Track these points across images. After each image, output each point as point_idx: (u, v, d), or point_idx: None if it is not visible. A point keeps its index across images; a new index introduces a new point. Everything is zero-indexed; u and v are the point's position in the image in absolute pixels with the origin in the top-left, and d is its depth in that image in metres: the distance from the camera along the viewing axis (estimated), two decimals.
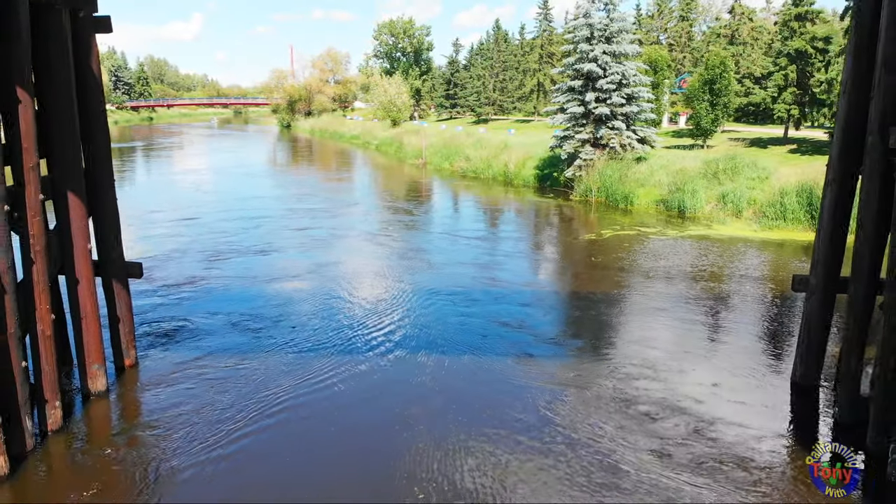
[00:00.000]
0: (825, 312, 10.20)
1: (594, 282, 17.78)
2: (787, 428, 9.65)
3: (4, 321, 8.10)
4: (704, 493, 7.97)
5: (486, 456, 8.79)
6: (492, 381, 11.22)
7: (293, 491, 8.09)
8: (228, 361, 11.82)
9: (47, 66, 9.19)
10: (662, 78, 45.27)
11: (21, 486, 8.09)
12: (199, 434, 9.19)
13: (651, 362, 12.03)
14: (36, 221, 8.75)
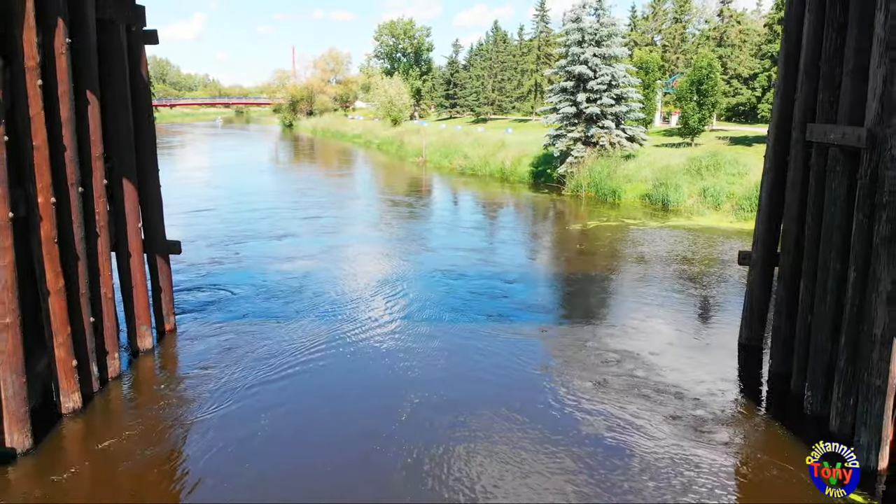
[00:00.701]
0: (765, 282, 11.98)
1: (576, 264, 19.63)
2: (726, 376, 11.43)
3: (78, 283, 9.87)
4: (634, 410, 9.73)
5: (461, 371, 10.58)
6: (473, 333, 13.09)
7: (311, 423, 9.87)
8: (255, 325, 13.67)
9: (109, 72, 10.96)
10: (653, 79, 46.98)
11: (90, 418, 9.86)
12: (229, 383, 10.96)
13: (616, 325, 13.87)
14: (101, 202, 10.54)
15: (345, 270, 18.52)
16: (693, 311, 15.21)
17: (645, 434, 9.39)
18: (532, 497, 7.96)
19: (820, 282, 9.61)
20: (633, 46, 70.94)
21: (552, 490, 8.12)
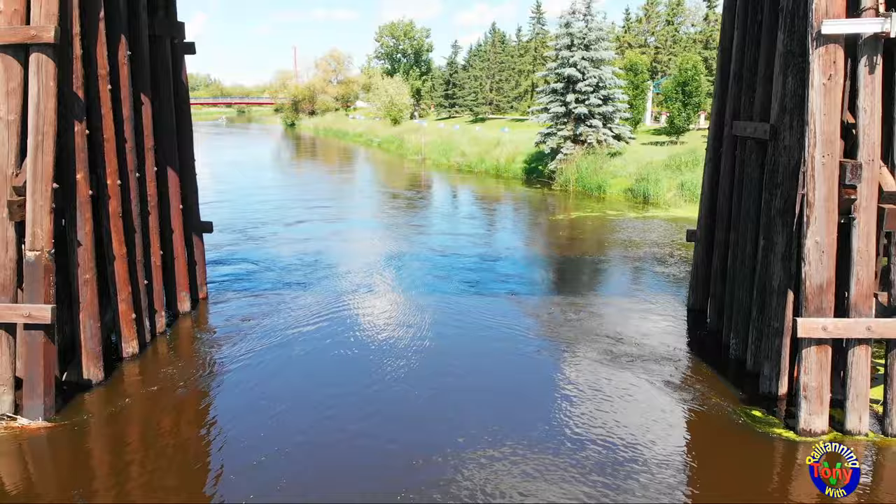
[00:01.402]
0: (707, 255, 14.16)
1: (557, 248, 21.87)
2: (672, 331, 13.62)
3: (135, 251, 12.06)
4: (594, 356, 11.91)
5: (448, 322, 12.78)
6: (458, 297, 15.27)
7: (319, 365, 12.06)
8: (275, 293, 15.90)
9: (157, 78, 13.16)
10: (643, 80, 49.12)
11: (144, 361, 12.02)
12: (252, 339, 13.12)
13: (582, 293, 16.14)
14: (152, 186, 12.74)
15: (352, 249, 20.99)
16: (654, 283, 17.43)
17: (604, 369, 11.59)
18: (495, 388, 10.16)
19: (741, 249, 11.82)
20: (626, 48, 73.29)
21: (511, 386, 10.33)
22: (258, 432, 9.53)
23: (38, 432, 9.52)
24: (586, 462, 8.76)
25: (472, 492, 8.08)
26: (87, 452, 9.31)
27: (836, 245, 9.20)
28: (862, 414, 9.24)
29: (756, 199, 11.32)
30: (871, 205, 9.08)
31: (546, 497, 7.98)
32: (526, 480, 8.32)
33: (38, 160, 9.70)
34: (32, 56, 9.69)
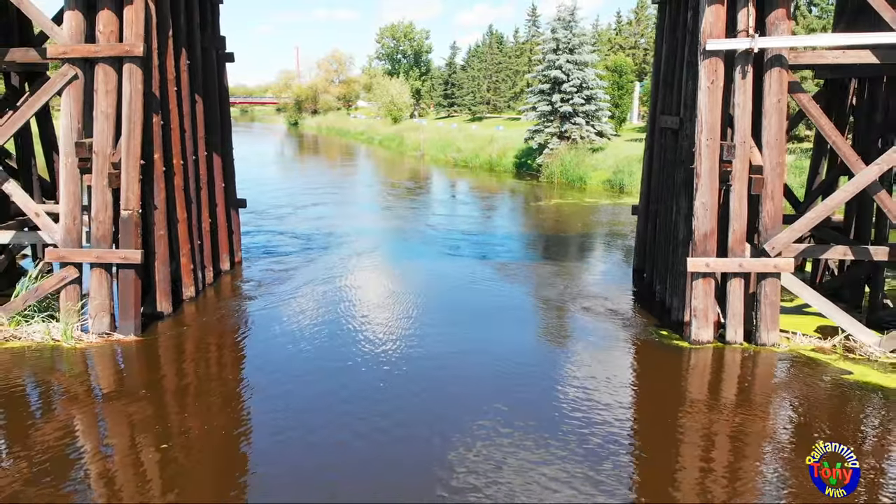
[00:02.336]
0: (644, 224, 17.51)
1: (535, 226, 25.32)
2: (618, 286, 16.97)
3: (192, 217, 15.41)
4: (557, 304, 15.24)
5: (442, 284, 16.16)
6: (452, 264, 18.61)
7: (330, 309, 15.42)
8: (296, 258, 19.30)
9: (206, 82, 16.51)
10: (628, 80, 52.45)
11: (199, 302, 15.37)
12: (277, 292, 16.47)
13: (551, 259, 19.50)
14: (203, 167, 16.10)
15: (360, 225, 24.66)
16: (612, 252, 20.84)
17: (561, 307, 14.96)
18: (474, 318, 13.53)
19: (663, 216, 15.20)
20: (618, 49, 76.61)
21: (490, 325, 13.71)
22: (285, 347, 12.93)
23: (128, 344, 12.88)
24: (538, 355, 12.17)
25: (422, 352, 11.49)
26: (159, 359, 12.66)
27: (717, 206, 12.57)
28: (737, 328, 12.61)
29: (671, 176, 14.69)
30: (744, 175, 12.44)
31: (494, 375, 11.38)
32: (470, 368, 11.73)
33: (130, 143, 13.06)
34: (125, 66, 13.05)
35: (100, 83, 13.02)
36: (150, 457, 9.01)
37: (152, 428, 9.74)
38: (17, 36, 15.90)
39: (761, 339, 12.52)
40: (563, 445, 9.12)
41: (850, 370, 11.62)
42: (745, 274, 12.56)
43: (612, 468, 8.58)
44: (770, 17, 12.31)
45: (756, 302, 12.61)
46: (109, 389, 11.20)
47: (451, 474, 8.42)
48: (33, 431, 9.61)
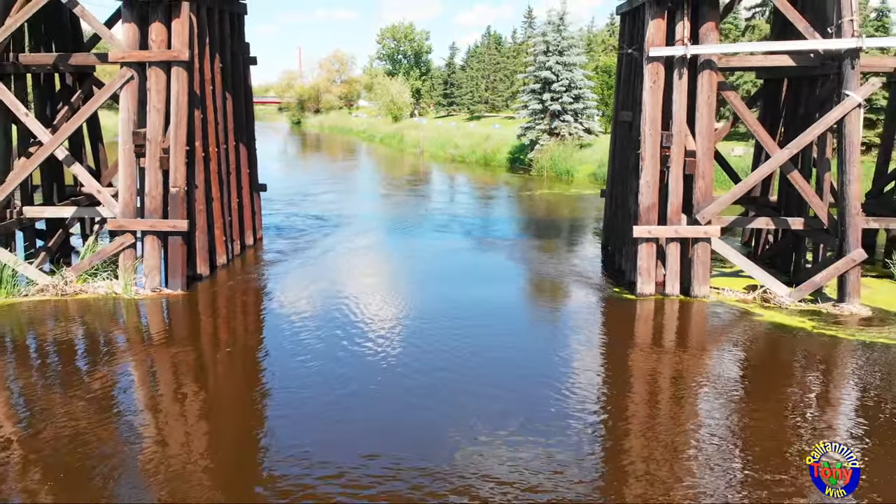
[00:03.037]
0: (609, 205, 20.30)
1: (521, 213, 28.11)
2: (587, 258, 19.77)
3: (223, 197, 18.21)
4: (537, 274, 18.03)
5: (444, 254, 18.97)
6: (452, 240, 21.42)
7: (341, 273, 18.22)
8: (309, 234, 22.14)
9: (234, 82, 19.32)
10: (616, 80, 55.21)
11: (229, 269, 18.20)
12: (293, 260, 19.32)
13: (533, 237, 22.33)
14: (233, 154, 18.91)
15: (366, 208, 27.67)
16: (586, 231, 23.70)
17: (537, 272, 17.79)
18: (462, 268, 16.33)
19: (621, 196, 18.00)
20: (611, 50, 79.29)
21: (477, 278, 16.52)
22: (300, 297, 15.76)
23: (175, 297, 15.68)
24: (516, 304, 15.01)
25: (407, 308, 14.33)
26: (199, 310, 15.48)
27: (658, 184, 15.37)
28: (674, 283, 15.41)
29: (626, 161, 17.49)
30: (679, 158, 15.24)
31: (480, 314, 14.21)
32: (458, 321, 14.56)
33: (177, 132, 15.87)
34: (173, 69, 15.85)
35: (152, 83, 15.84)
36: (189, 381, 11.84)
37: (191, 361, 12.56)
38: (71, 43, 18.79)
39: (694, 292, 15.33)
40: (522, 355, 11.97)
41: (762, 314, 14.43)
42: (680, 239, 15.36)
43: (562, 384, 11.43)
44: (702, 28, 15.12)
45: (690, 262, 15.41)
46: (159, 332, 14.02)
47: (445, 362, 11.27)
48: (100, 365, 12.44)
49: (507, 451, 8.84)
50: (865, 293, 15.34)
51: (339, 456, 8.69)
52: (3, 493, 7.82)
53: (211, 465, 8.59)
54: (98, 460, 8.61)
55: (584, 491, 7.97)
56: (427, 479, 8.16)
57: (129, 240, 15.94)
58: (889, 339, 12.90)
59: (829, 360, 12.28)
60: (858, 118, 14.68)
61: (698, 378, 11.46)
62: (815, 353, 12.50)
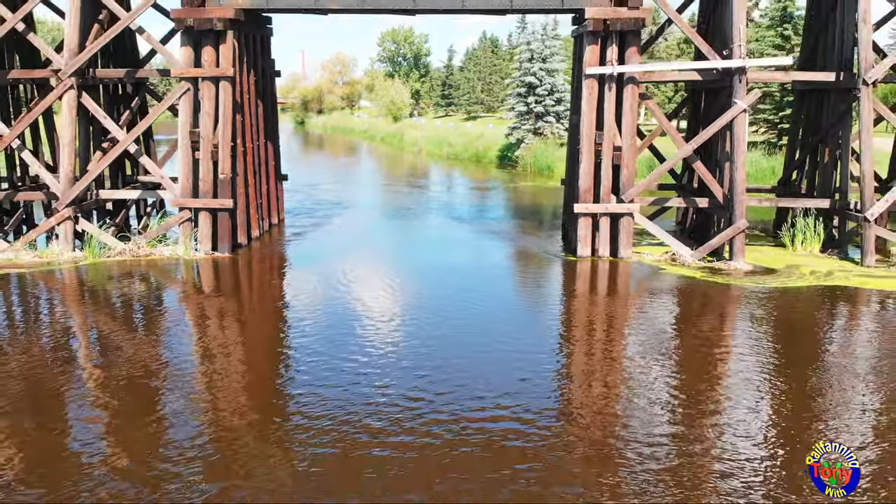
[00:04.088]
0: (569, 192, 24.94)
1: (503, 200, 32.81)
2: (550, 236, 24.45)
3: (255, 183, 22.90)
4: (509, 247, 22.71)
5: (439, 233, 23.70)
6: (444, 221, 26.09)
7: (350, 244, 22.94)
8: (323, 217, 26.87)
9: (263, 92, 24.01)
10: None
11: (261, 242, 22.91)
12: (310, 236, 24.04)
13: (509, 221, 27.00)
14: (262, 150, 23.62)
15: (367, 198, 32.19)
16: (555, 217, 28.36)
17: (506, 247, 22.53)
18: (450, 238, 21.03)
19: (571, 184, 22.69)
20: None
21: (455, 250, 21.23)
22: (316, 260, 20.50)
23: (223, 259, 20.37)
24: (487, 262, 19.78)
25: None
26: (241, 269, 20.19)
27: (593, 172, 20.04)
28: (605, 248, 20.11)
29: (575, 155, 22.18)
30: (609, 152, 19.91)
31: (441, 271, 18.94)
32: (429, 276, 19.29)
33: (224, 132, 20.55)
34: (221, 83, 20.53)
35: (204, 93, 20.54)
36: (231, 322, 16.56)
37: (235, 305, 17.31)
38: (131, 59, 23.54)
39: (620, 254, 20.03)
40: (486, 295, 16.73)
41: (669, 270, 19.13)
42: (610, 214, 20.05)
43: (520, 309, 16.18)
44: (627, 52, 19.80)
45: (617, 231, 20.10)
46: (210, 285, 18.72)
47: (428, 301, 16.00)
48: (167, 309, 17.18)
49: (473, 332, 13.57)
50: (754, 255, 20.06)
51: (336, 356, 13.38)
52: (112, 379, 12.46)
53: (244, 372, 13.26)
54: (158, 369, 13.36)
55: (531, 352, 12.67)
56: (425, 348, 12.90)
57: (186, 215, 20.65)
58: (754, 283, 17.59)
59: (706, 296, 17.00)
60: (744, 120, 19.38)
61: (616, 308, 16.17)
62: (698, 292, 17.23)
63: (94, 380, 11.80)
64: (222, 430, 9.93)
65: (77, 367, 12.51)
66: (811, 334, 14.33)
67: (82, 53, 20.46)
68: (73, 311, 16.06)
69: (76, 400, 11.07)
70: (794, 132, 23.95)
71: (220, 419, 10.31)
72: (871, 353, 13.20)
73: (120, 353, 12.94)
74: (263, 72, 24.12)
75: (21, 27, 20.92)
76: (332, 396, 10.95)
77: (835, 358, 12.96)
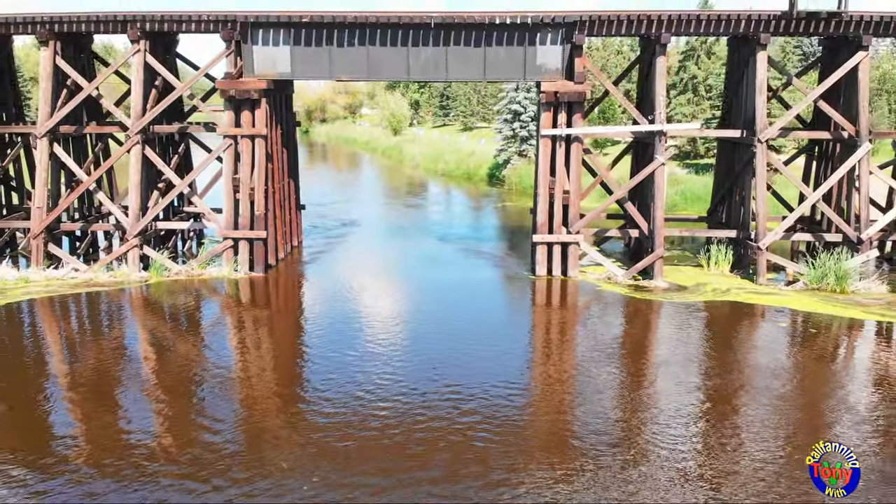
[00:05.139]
0: (534, 222, 30.56)
1: (486, 221, 38.45)
2: (519, 254, 30.06)
3: (282, 214, 28.52)
4: (480, 259, 28.29)
5: (432, 241, 29.34)
6: (432, 238, 31.74)
7: (361, 258, 28.57)
8: (335, 237, 32.52)
9: (287, 140, 29.61)
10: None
11: (286, 262, 28.55)
12: (326, 255, 29.68)
13: (489, 241, 32.62)
14: (286, 187, 29.25)
15: (372, 215, 37.73)
16: (525, 237, 33.98)
17: (486, 262, 28.18)
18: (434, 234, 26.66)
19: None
20: None
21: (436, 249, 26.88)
22: (332, 275, 26.17)
23: (258, 278, 26.00)
24: (462, 276, 25.49)
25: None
26: (273, 285, 25.84)
27: (548, 209, 25.64)
28: (556, 269, 25.70)
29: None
30: (560, 195, 25.52)
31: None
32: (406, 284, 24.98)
33: (259, 177, 26.17)
34: (256, 139, 26.14)
35: (243, 148, 26.16)
36: (266, 324, 22.22)
37: (269, 312, 22.98)
38: (177, 112, 29.20)
39: (569, 274, 25.65)
40: (467, 299, 22.41)
41: (605, 286, 24.74)
42: (561, 242, 25.64)
43: (488, 310, 21.87)
44: (573, 117, 25.40)
45: (566, 256, 25.70)
46: (248, 297, 24.34)
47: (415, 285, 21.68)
48: (215, 313, 22.85)
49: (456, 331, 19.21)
50: (675, 274, 25.68)
51: (352, 346, 19.00)
52: (178, 363, 18.11)
53: (272, 366, 18.89)
54: (207, 368, 19.05)
55: (496, 345, 18.27)
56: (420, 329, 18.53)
57: (229, 243, 26.28)
58: (665, 298, 23.20)
59: (628, 306, 22.61)
60: (663, 171, 24.98)
61: (562, 313, 21.80)
62: (623, 303, 22.84)
63: (165, 364, 17.46)
64: (256, 397, 15.57)
65: (158, 353, 18.19)
66: (684, 334, 19.97)
67: (145, 116, 26.10)
68: (151, 317, 21.73)
69: (156, 375, 16.70)
70: (717, 173, 29.56)
71: (254, 391, 15.96)
72: (713, 349, 18.82)
73: (186, 343, 18.62)
74: (287, 124, 29.74)
75: (94, 93, 26.64)
76: (341, 377, 16.59)
77: (681, 349, 18.61)
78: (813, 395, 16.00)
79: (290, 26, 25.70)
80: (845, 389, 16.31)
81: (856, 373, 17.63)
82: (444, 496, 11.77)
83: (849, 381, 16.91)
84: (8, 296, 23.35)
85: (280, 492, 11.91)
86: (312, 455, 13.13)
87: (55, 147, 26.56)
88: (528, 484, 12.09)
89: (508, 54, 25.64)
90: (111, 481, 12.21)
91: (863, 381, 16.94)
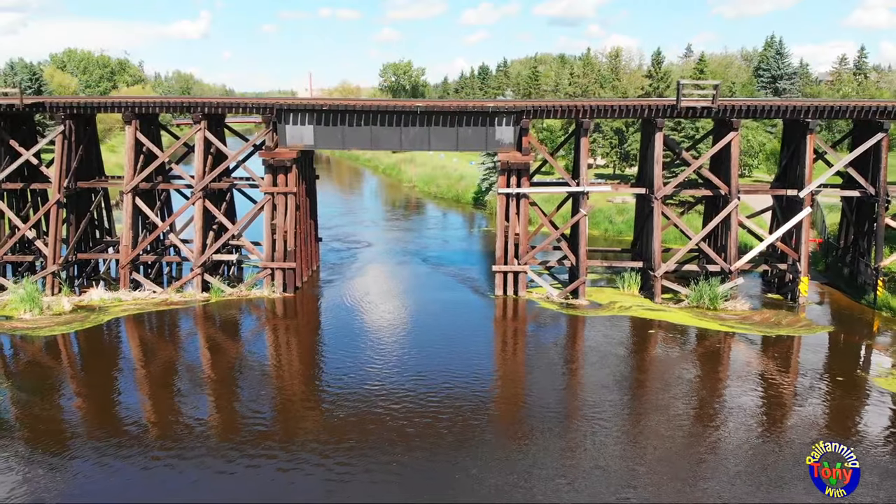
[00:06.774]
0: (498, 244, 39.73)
1: (466, 246, 47.84)
2: (488, 278, 39.23)
3: (305, 247, 37.77)
4: (460, 274, 37.51)
5: (420, 257, 38.63)
6: (423, 249, 40.97)
7: (373, 273, 37.87)
8: (346, 259, 41.87)
9: (309, 193, 38.85)
10: (558, 137, 74.47)
11: (308, 282, 37.80)
12: (343, 275, 38.96)
13: (465, 265, 41.94)
14: (309, 228, 38.51)
15: (376, 236, 46.97)
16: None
17: (461, 283, 37.53)
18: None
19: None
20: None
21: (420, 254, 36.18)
22: (347, 293, 35.54)
23: (289, 297, 35.28)
24: (437, 294, 34.87)
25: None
26: (300, 302, 35.12)
27: (504, 245, 34.89)
28: (510, 290, 34.95)
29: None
30: (512, 235, 34.74)
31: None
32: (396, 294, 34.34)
33: (291, 221, 35.40)
34: (288, 196, 35.36)
35: (279, 201, 35.43)
36: (295, 331, 31.59)
37: (297, 322, 32.33)
38: (224, 170, 38.53)
39: (519, 294, 34.91)
40: (441, 312, 31.81)
41: (543, 304, 33.98)
42: (514, 271, 34.88)
43: (457, 321, 31.27)
44: (521, 180, 34.61)
45: (517, 280, 34.94)
46: (281, 312, 33.64)
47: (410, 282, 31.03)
48: (257, 325, 32.22)
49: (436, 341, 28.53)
50: (597, 294, 34.93)
51: (361, 344, 28.27)
52: (233, 358, 27.48)
53: (297, 367, 28.19)
54: (246, 371, 28.46)
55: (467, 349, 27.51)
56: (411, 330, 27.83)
57: (268, 271, 35.54)
58: (582, 312, 32.44)
59: (556, 319, 31.84)
60: (585, 221, 34.21)
61: (508, 322, 31.11)
62: (552, 317, 32.08)
63: (218, 360, 26.75)
64: (284, 387, 24.83)
65: (216, 352, 27.47)
66: (590, 335, 29.17)
67: (206, 177, 35.38)
68: (214, 326, 31.00)
69: (214, 370, 25.92)
70: (636, 217, 38.81)
71: (283, 381, 25.23)
72: (602, 346, 28.01)
73: (240, 342, 28.00)
74: (310, 179, 39.00)
75: (165, 161, 36.02)
76: (352, 375, 25.83)
77: (569, 348, 27.86)
78: (620, 370, 25.28)
79: (313, 111, 34.94)
80: (639, 371, 25.59)
81: (660, 362, 26.87)
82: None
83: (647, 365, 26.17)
84: (110, 312, 32.63)
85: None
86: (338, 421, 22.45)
87: (137, 200, 35.82)
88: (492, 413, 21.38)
89: (475, 132, 34.83)
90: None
91: (658, 368, 26.21)
